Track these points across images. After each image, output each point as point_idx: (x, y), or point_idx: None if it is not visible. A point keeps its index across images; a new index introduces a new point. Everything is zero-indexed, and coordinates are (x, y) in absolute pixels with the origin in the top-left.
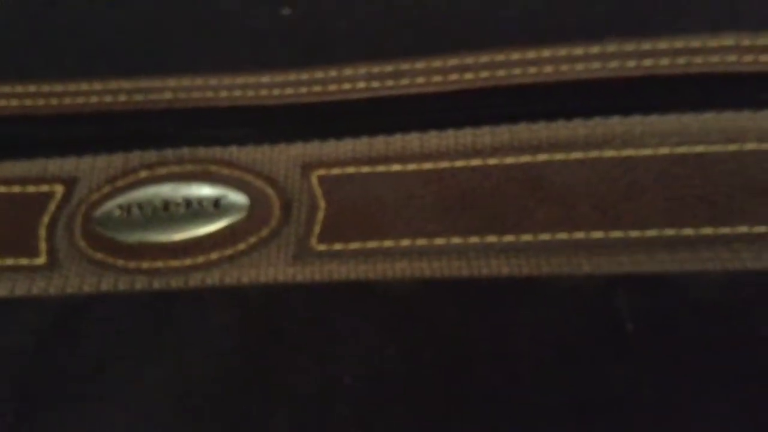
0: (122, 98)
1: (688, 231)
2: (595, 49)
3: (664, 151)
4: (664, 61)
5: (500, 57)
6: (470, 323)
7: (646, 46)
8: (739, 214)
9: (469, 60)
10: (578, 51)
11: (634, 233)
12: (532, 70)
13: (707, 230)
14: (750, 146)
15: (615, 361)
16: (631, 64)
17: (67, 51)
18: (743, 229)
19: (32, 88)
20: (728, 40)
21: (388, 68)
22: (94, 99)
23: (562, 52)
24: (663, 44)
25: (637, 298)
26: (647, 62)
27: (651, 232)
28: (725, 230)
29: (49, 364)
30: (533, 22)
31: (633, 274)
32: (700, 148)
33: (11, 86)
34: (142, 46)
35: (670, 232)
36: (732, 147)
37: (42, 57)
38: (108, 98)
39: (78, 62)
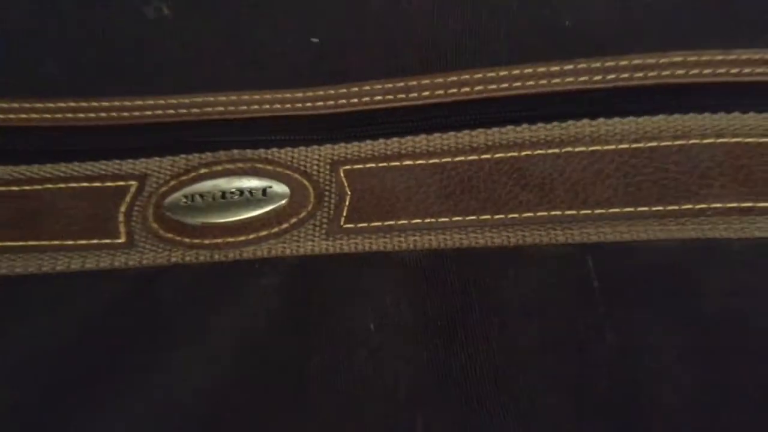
0: (182, 111)
1: (643, 208)
2: (568, 66)
3: (624, 146)
4: (625, 75)
5: (491, 74)
6: (468, 283)
7: (610, 63)
8: (685, 194)
9: (466, 76)
10: (554, 68)
11: (599, 210)
12: (517, 83)
13: (658, 207)
14: (693, 141)
15: (583, 310)
16: (598, 77)
17: (126, 69)
18: (688, 206)
19: (105, 104)
20: (677, 57)
21: (399, 84)
22: (158, 112)
23: (542, 69)
24: (624, 61)
25: (602, 262)
26: (611, 76)
27: (613, 210)
28: (673, 207)
29: (129, 325)
30: (517, 42)
31: (599, 242)
32: (653, 144)
33: (87, 101)
34: (193, 65)
35: (628, 209)
36: (679, 142)
37: (106, 75)
38: (170, 111)
39: (138, 79)
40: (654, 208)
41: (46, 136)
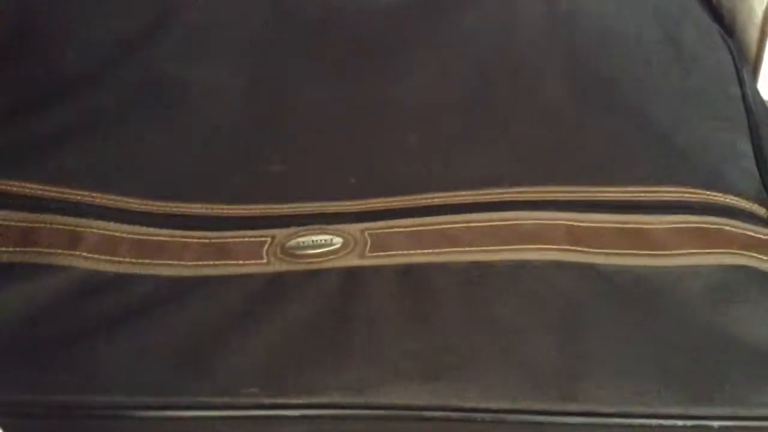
0: (294, 209)
1: (495, 247)
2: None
3: (502, 223)
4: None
5: (441, 194)
6: (417, 272)
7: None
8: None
9: (432, 195)
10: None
11: (476, 248)
12: (454, 199)
13: (502, 246)
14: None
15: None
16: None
17: (271, 193)
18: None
19: (261, 206)
20: (518, 188)
21: (396, 198)
22: (285, 209)
23: (461, 195)
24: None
25: (479, 269)
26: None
27: (483, 247)
28: (507, 247)
29: (262, 294)
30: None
31: (478, 261)
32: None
33: (256, 206)
34: (300, 187)
35: (490, 247)
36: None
37: (255, 195)
38: (290, 209)
39: (278, 196)
40: (499, 247)
41: (231, 220)
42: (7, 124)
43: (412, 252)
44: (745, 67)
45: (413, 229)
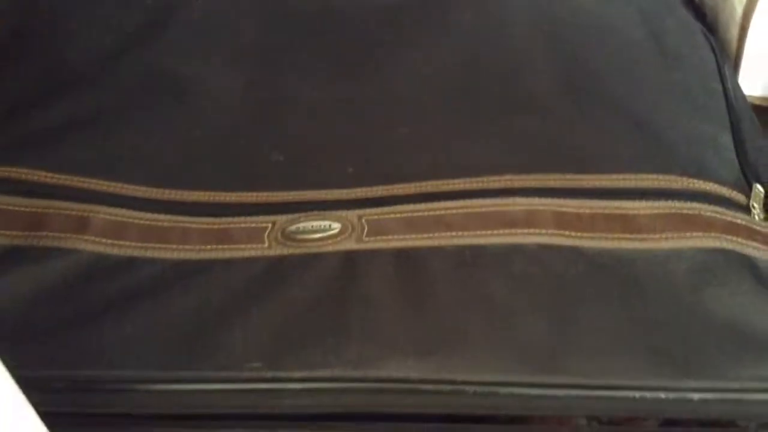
0: (295, 196)
1: (480, 231)
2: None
3: (489, 209)
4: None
5: (433, 183)
6: (412, 258)
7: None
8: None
9: (429, 183)
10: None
11: (465, 232)
12: (445, 188)
13: (486, 231)
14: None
15: (464, 268)
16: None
17: (274, 181)
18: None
19: (267, 192)
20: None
21: (388, 186)
22: (284, 196)
23: (454, 182)
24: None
25: (467, 251)
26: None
27: (468, 232)
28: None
29: (265, 274)
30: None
31: (469, 244)
32: (496, 208)
33: (257, 191)
34: (300, 176)
35: (476, 231)
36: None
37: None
38: (291, 195)
39: (279, 183)
40: (491, 231)
41: (233, 206)
42: (13, 117)
43: (408, 236)
44: (726, 64)
45: (408, 214)
